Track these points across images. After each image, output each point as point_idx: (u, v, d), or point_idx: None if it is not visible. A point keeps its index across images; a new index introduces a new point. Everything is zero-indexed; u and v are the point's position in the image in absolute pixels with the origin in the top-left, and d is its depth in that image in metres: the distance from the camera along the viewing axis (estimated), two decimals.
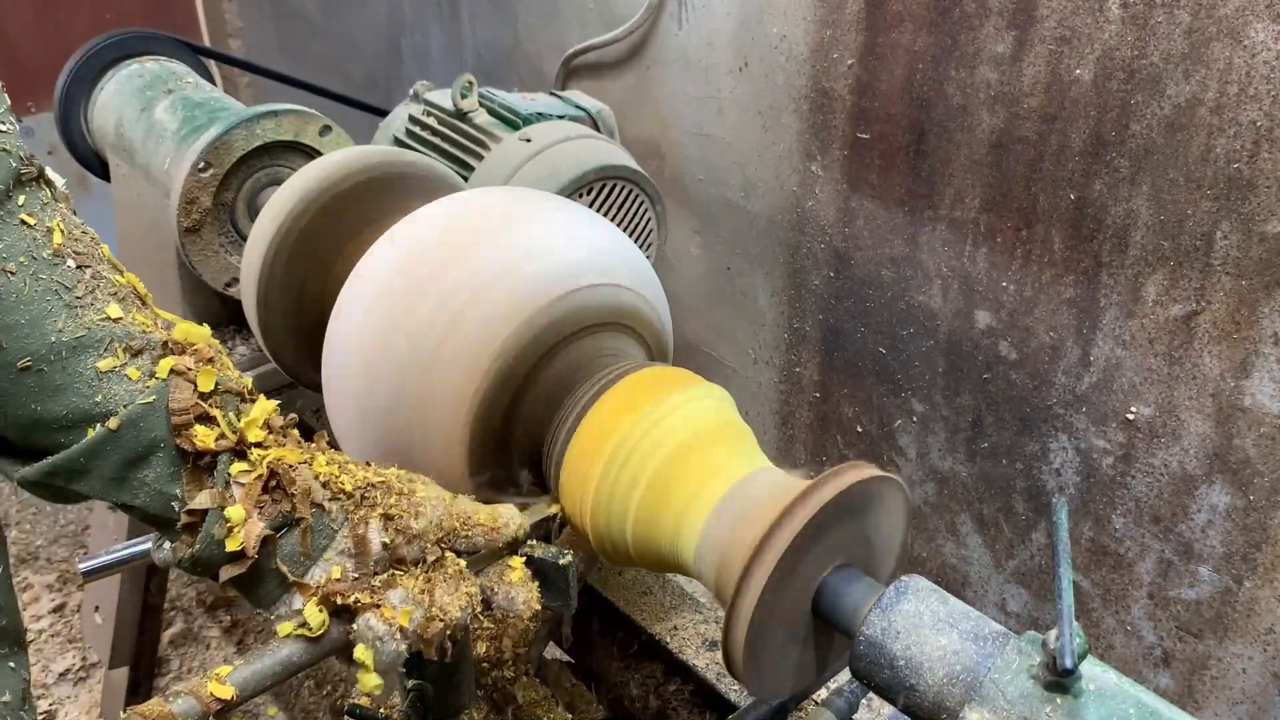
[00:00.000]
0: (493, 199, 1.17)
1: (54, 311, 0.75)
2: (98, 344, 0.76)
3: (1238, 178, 1.28)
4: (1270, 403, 1.34)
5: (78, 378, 0.75)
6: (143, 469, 0.77)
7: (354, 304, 1.09)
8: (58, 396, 0.75)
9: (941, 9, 1.50)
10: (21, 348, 0.73)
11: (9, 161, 0.75)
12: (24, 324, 0.73)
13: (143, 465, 0.77)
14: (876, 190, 1.71)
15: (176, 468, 0.78)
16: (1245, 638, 1.47)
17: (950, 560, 1.87)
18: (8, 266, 0.73)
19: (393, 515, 0.84)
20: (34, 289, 0.74)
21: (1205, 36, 1.26)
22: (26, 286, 0.74)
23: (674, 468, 0.93)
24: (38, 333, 0.74)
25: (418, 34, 2.61)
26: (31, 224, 0.75)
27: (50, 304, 0.75)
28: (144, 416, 0.76)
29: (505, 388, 1.02)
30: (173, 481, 0.78)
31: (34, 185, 0.78)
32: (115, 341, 0.77)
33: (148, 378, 0.78)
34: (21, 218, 0.75)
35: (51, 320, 0.75)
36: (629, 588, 1.39)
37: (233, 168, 1.50)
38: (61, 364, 0.75)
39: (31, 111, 2.99)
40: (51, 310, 0.75)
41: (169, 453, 0.78)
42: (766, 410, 2.11)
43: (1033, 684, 0.71)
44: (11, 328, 0.73)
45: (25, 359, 0.73)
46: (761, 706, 1.08)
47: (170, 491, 0.78)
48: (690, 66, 1.91)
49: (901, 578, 0.82)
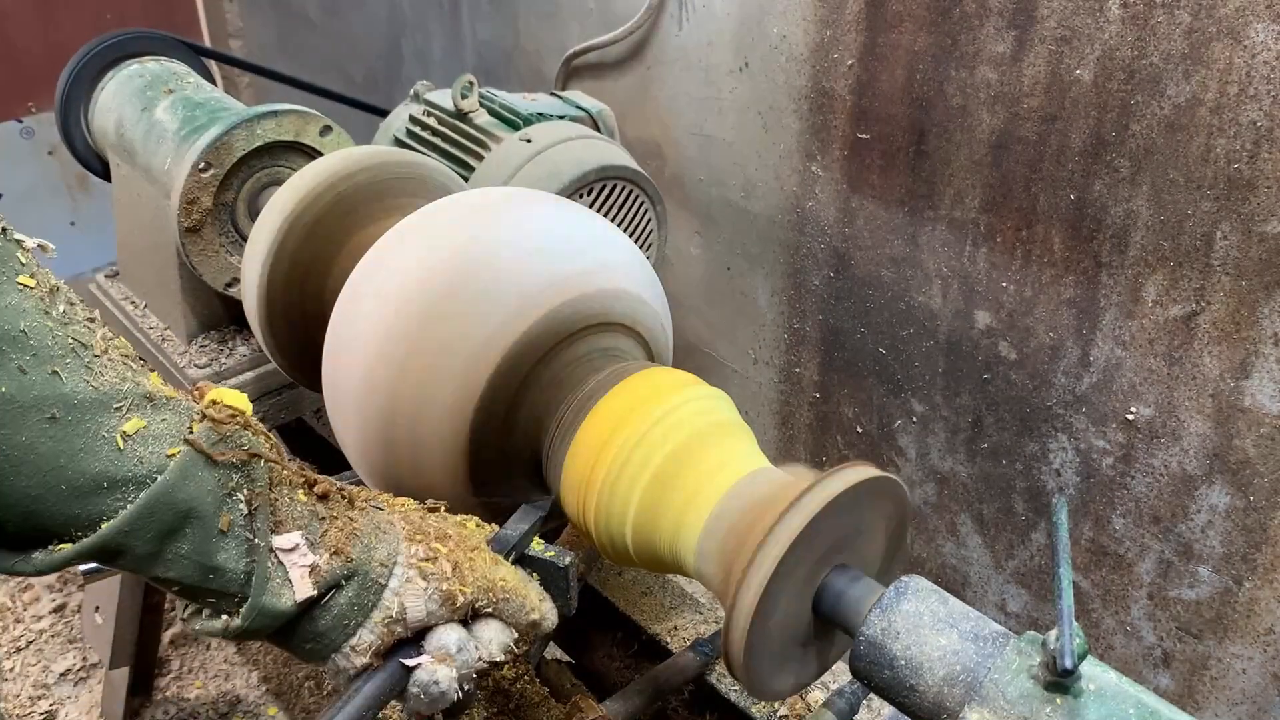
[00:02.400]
0: (493, 199, 1.17)
1: (73, 369, 0.69)
2: (121, 404, 0.71)
3: (1238, 178, 1.28)
4: (1270, 403, 1.34)
5: (100, 440, 0.69)
6: (178, 541, 0.72)
7: (354, 306, 1.09)
8: (78, 461, 0.69)
9: (941, 9, 1.50)
10: (37, 407, 0.67)
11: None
12: (41, 381, 0.67)
13: (178, 537, 0.72)
14: (876, 190, 1.71)
15: (214, 535, 0.73)
16: (1245, 638, 1.47)
17: (950, 560, 1.87)
18: (20, 324, 0.67)
19: (442, 586, 0.82)
20: (51, 346, 0.68)
21: (1205, 36, 1.26)
22: (41, 343, 0.68)
23: (674, 468, 0.93)
24: (54, 391, 0.68)
25: (418, 34, 2.61)
26: (33, 285, 0.70)
27: (69, 362, 0.69)
28: (178, 484, 0.71)
29: (505, 388, 1.02)
30: (212, 550, 0.73)
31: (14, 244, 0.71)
32: (139, 401, 0.72)
33: (178, 442, 0.73)
34: (20, 280, 0.69)
35: (71, 378, 0.69)
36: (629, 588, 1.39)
37: (233, 168, 1.50)
38: (83, 425, 0.69)
39: (32, 111, 2.99)
40: (70, 367, 0.69)
41: (206, 521, 0.73)
42: (766, 410, 2.11)
43: (1033, 684, 0.71)
44: (28, 386, 0.67)
45: (44, 416, 0.67)
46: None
47: (211, 562, 0.73)
48: (690, 67, 1.91)
49: (901, 578, 0.82)
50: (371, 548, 0.81)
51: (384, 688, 0.80)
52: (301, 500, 0.79)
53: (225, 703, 2.04)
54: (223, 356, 1.64)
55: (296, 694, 2.06)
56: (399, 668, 0.81)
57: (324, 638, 0.79)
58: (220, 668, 2.11)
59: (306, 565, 0.77)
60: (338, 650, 0.80)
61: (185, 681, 2.08)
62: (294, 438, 1.97)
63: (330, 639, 0.79)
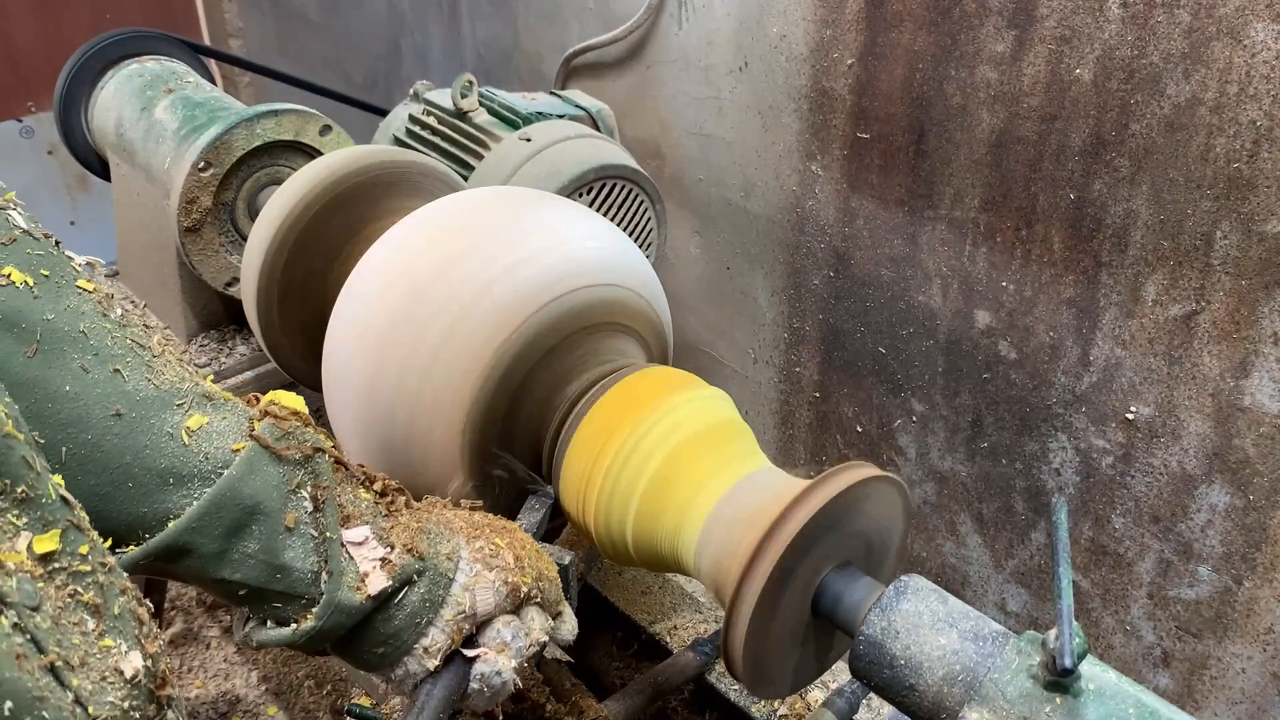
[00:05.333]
0: (492, 199, 1.16)
1: (134, 367, 0.70)
2: (183, 401, 0.71)
3: (1238, 177, 1.28)
4: (1270, 403, 1.34)
5: (165, 436, 0.70)
6: (245, 539, 0.71)
7: (354, 305, 1.09)
8: (144, 457, 0.69)
9: (941, 9, 1.50)
10: (102, 404, 0.68)
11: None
12: (103, 379, 0.68)
13: (245, 534, 0.71)
14: (876, 190, 1.71)
15: (280, 532, 0.72)
16: (1245, 637, 1.47)
17: (950, 560, 1.87)
18: (79, 325, 0.68)
19: (508, 579, 0.82)
20: (111, 346, 0.69)
21: (1205, 36, 1.26)
22: (101, 343, 0.69)
23: (674, 468, 0.93)
24: (117, 389, 0.68)
25: (418, 33, 2.61)
26: (90, 289, 0.71)
27: (130, 360, 0.70)
28: (244, 479, 0.71)
29: (505, 387, 1.02)
30: (279, 548, 0.72)
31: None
32: (200, 399, 0.72)
33: (242, 438, 0.73)
34: (79, 284, 0.70)
35: (133, 375, 0.69)
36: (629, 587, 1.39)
37: (233, 167, 1.50)
38: (147, 422, 0.69)
39: (32, 111, 2.99)
40: (131, 366, 0.70)
41: (272, 517, 0.72)
42: (766, 410, 2.11)
43: (1032, 684, 0.71)
44: (91, 385, 0.67)
45: (109, 414, 0.68)
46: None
47: (278, 560, 0.72)
48: (690, 66, 1.91)
49: (901, 577, 0.82)
50: (437, 542, 0.80)
51: (453, 686, 0.79)
52: (365, 497, 0.79)
53: (225, 702, 2.04)
54: (223, 356, 1.65)
55: (296, 694, 2.06)
56: (461, 661, 0.80)
57: (397, 638, 0.77)
58: (220, 667, 2.11)
59: (378, 558, 0.76)
60: (410, 652, 0.78)
61: (185, 681, 2.08)
62: None
63: (403, 639, 0.77)
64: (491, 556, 0.82)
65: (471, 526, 0.85)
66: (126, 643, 0.55)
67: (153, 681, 0.56)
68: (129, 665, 0.54)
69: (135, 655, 0.55)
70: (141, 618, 0.58)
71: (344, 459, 0.79)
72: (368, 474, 0.81)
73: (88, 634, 0.53)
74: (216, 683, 2.08)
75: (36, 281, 0.67)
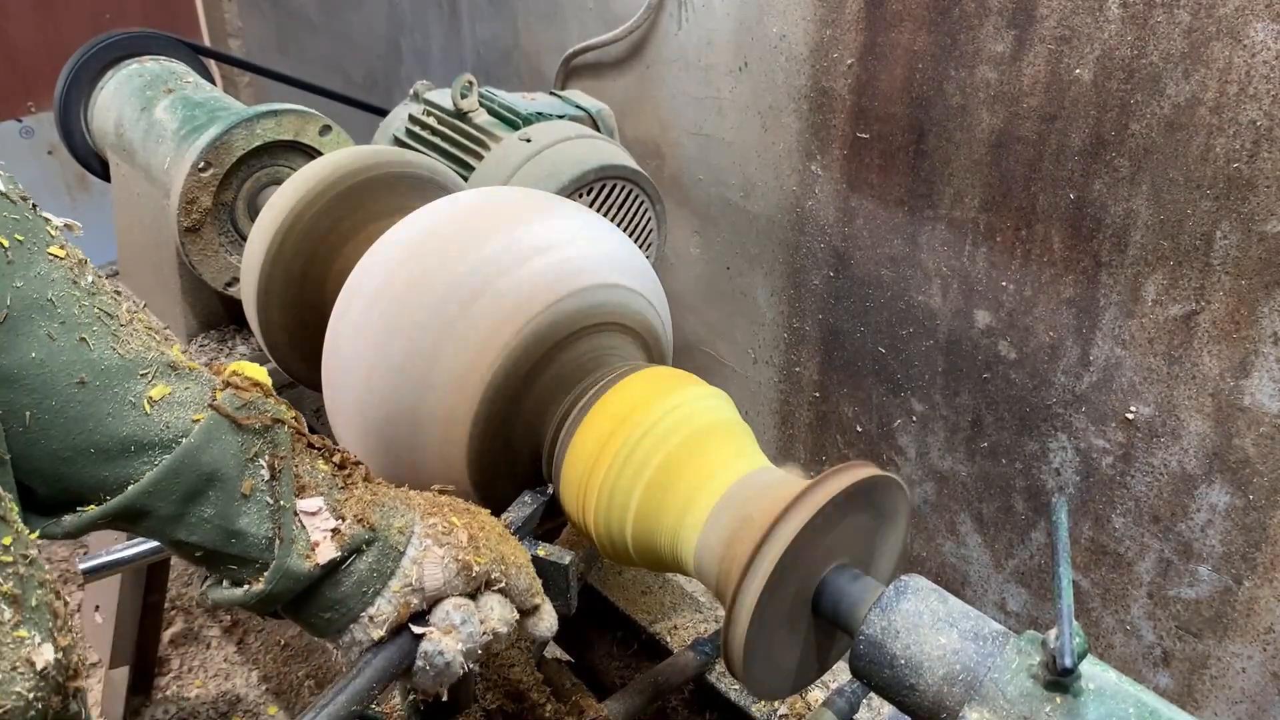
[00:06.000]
0: (492, 199, 1.16)
1: (100, 336, 0.72)
2: (146, 370, 0.73)
3: (1237, 177, 1.28)
4: (1270, 402, 1.34)
5: (127, 405, 0.72)
6: (201, 504, 0.74)
7: (354, 305, 1.09)
8: (106, 424, 0.71)
9: (941, 9, 1.50)
10: (66, 372, 0.70)
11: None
12: (69, 348, 0.70)
13: (201, 500, 0.74)
14: (876, 190, 1.71)
15: (236, 499, 0.75)
16: (1244, 637, 1.47)
17: (950, 560, 1.87)
18: (48, 293, 0.70)
19: (458, 555, 0.82)
20: (78, 315, 0.71)
21: (1205, 36, 1.26)
22: (69, 311, 0.70)
23: (674, 467, 0.93)
24: (82, 357, 0.70)
25: (417, 34, 2.61)
26: (62, 256, 0.72)
27: (96, 329, 0.72)
28: (203, 447, 0.73)
29: (505, 388, 1.02)
30: (234, 514, 0.75)
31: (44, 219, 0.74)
32: (164, 369, 0.74)
33: (203, 408, 0.75)
34: (50, 251, 0.71)
35: (98, 344, 0.71)
36: (629, 587, 1.39)
37: (233, 167, 1.50)
38: (110, 390, 0.71)
39: (31, 111, 2.99)
40: (97, 335, 0.71)
41: (229, 484, 0.74)
42: (766, 410, 2.11)
43: (1032, 683, 0.71)
44: (56, 352, 0.69)
45: (73, 381, 0.70)
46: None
47: (233, 526, 0.75)
48: (690, 66, 1.91)
49: (901, 577, 0.82)
50: (391, 515, 0.82)
51: (394, 659, 0.80)
52: (323, 469, 0.81)
53: (225, 702, 2.04)
54: (222, 356, 1.65)
55: (296, 693, 2.06)
56: (409, 637, 0.81)
57: (343, 604, 0.79)
58: (220, 667, 2.11)
59: (329, 528, 0.78)
60: (356, 620, 0.80)
61: (185, 681, 2.08)
62: None
63: (349, 606, 0.79)
64: (444, 534, 0.83)
65: (430, 504, 0.86)
66: (40, 634, 0.57)
67: (62, 674, 0.58)
68: (40, 657, 0.56)
69: (47, 648, 0.57)
70: (57, 611, 0.60)
71: (304, 431, 0.81)
72: (328, 447, 0.83)
73: (3, 624, 0.55)
74: (216, 682, 2.08)
75: (11, 246, 0.68)
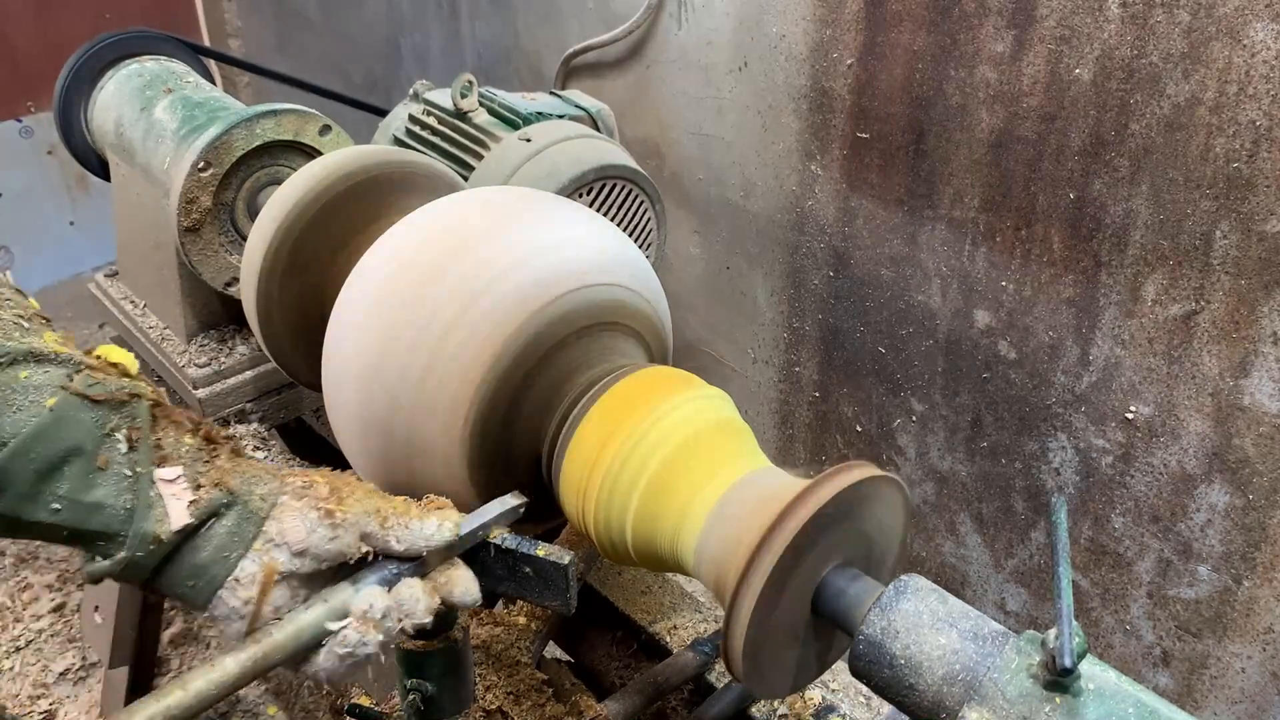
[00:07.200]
0: (492, 199, 1.16)
1: None
2: (3, 359, 0.75)
3: (1237, 177, 1.28)
4: (1269, 402, 1.34)
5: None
6: (56, 481, 0.75)
7: (353, 305, 1.09)
8: None
9: (941, 8, 1.50)
10: None
11: None
12: None
13: (56, 477, 0.75)
14: (876, 190, 1.71)
15: (91, 472, 0.76)
16: (1244, 637, 1.47)
17: (949, 560, 1.87)
18: None
19: (315, 503, 0.83)
20: None
21: (1205, 36, 1.26)
22: None
23: (674, 468, 0.93)
24: None
25: (417, 33, 2.61)
26: None
27: None
28: (51, 427, 0.75)
29: (505, 388, 1.02)
30: (90, 486, 0.76)
31: None
32: (23, 357, 0.76)
33: (57, 390, 0.76)
34: None
35: None
36: (629, 587, 1.39)
37: (233, 167, 1.50)
38: None
39: (31, 111, 2.99)
40: None
41: (86, 459, 0.76)
42: (766, 410, 2.11)
43: (1032, 683, 0.71)
44: None
45: None
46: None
47: (90, 499, 0.76)
48: (690, 66, 1.91)
49: (901, 577, 0.82)
50: (253, 484, 0.83)
51: (293, 637, 0.80)
52: (188, 442, 0.82)
53: (225, 702, 2.04)
54: (222, 356, 1.64)
55: (296, 694, 2.06)
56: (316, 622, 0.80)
57: (206, 570, 0.80)
58: None
59: (187, 495, 0.79)
60: (223, 585, 0.80)
61: None
62: (294, 437, 1.97)
63: (213, 573, 0.80)
64: (303, 488, 0.84)
65: (299, 476, 0.87)
66: None
67: None
68: None
69: None
70: None
71: (166, 404, 0.82)
72: (195, 421, 0.84)
73: None
74: None
75: None
